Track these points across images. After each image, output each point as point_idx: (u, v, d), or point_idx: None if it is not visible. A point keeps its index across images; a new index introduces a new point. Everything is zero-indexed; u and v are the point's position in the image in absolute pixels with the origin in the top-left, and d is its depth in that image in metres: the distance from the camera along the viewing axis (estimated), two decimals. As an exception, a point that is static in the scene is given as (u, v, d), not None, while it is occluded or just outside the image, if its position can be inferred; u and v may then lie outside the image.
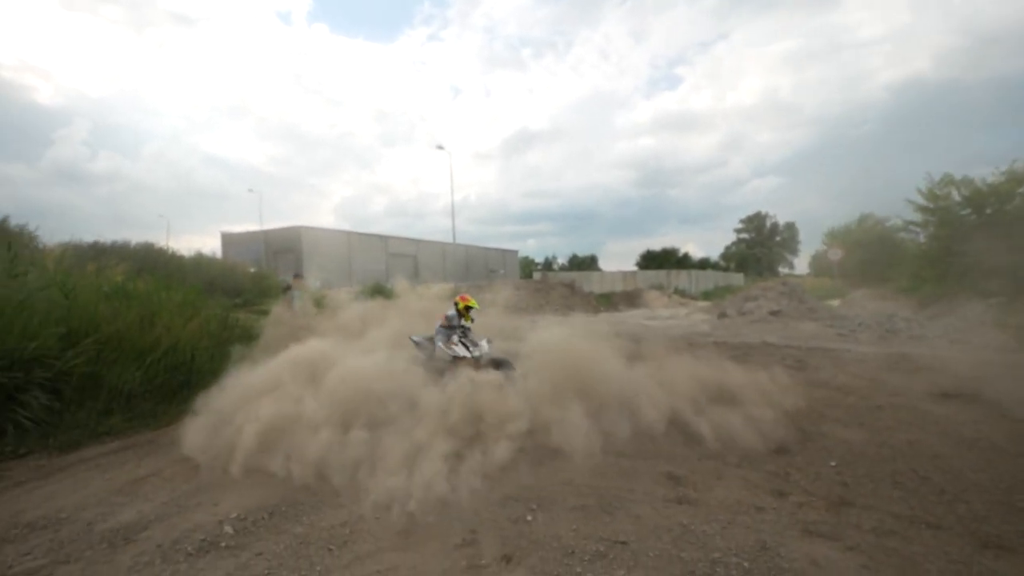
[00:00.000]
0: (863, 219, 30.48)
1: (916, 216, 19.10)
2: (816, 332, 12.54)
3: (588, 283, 36.05)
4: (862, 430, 4.56)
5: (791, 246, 65.77)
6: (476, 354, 5.30)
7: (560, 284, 27.62)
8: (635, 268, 52.61)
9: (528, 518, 3.03)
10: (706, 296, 34.65)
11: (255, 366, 4.81)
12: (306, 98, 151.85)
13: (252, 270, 21.42)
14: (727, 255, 67.78)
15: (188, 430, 4.18)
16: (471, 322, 5.89)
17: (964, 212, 17.10)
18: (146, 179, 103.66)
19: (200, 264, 18.68)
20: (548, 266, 63.47)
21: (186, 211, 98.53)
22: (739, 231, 69.22)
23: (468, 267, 44.41)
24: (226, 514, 3.10)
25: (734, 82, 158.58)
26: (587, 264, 63.25)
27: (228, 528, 2.94)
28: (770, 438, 4.25)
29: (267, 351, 5.39)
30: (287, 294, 9.16)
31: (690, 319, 18.54)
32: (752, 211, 69.47)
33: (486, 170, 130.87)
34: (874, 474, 3.66)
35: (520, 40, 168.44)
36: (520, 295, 21.38)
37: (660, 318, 19.77)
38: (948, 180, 17.61)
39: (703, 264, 60.58)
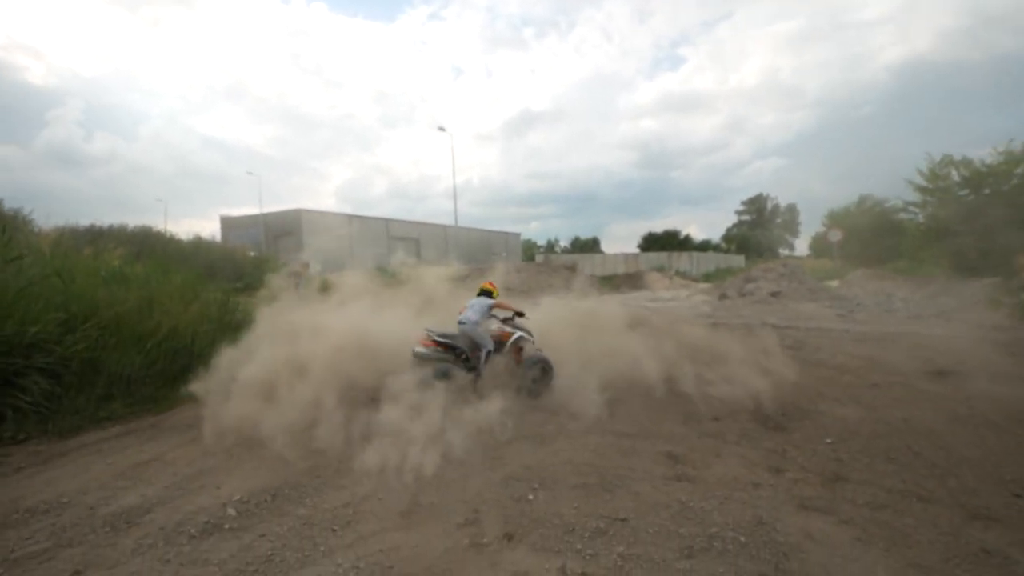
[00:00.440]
0: (863, 200, 30.45)
1: (916, 197, 19.09)
2: (815, 312, 12.59)
3: (590, 265, 36.00)
4: (858, 408, 4.61)
5: (792, 228, 65.42)
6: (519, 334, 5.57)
7: (562, 267, 27.61)
8: (637, 250, 52.38)
9: (529, 497, 3.07)
10: (707, 278, 34.53)
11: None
12: (305, 79, 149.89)
13: (252, 254, 21.39)
14: (728, 237, 67.38)
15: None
16: None
17: (962, 192, 17.05)
18: (143, 161, 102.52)
19: (199, 248, 18.64)
20: (551, 249, 63.19)
21: (184, 194, 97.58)
22: (740, 213, 68.87)
23: (470, 250, 44.29)
24: (229, 496, 3.12)
25: (737, 63, 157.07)
26: (589, 246, 62.86)
27: (231, 510, 2.96)
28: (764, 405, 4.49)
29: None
30: (295, 279, 9.31)
31: (691, 301, 18.58)
32: (753, 193, 69.24)
33: (488, 152, 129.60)
34: (869, 450, 3.71)
35: (522, 19, 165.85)
36: (521, 277, 21.40)
37: (662, 300, 19.78)
38: (948, 161, 17.52)
39: (704, 246, 60.28)
